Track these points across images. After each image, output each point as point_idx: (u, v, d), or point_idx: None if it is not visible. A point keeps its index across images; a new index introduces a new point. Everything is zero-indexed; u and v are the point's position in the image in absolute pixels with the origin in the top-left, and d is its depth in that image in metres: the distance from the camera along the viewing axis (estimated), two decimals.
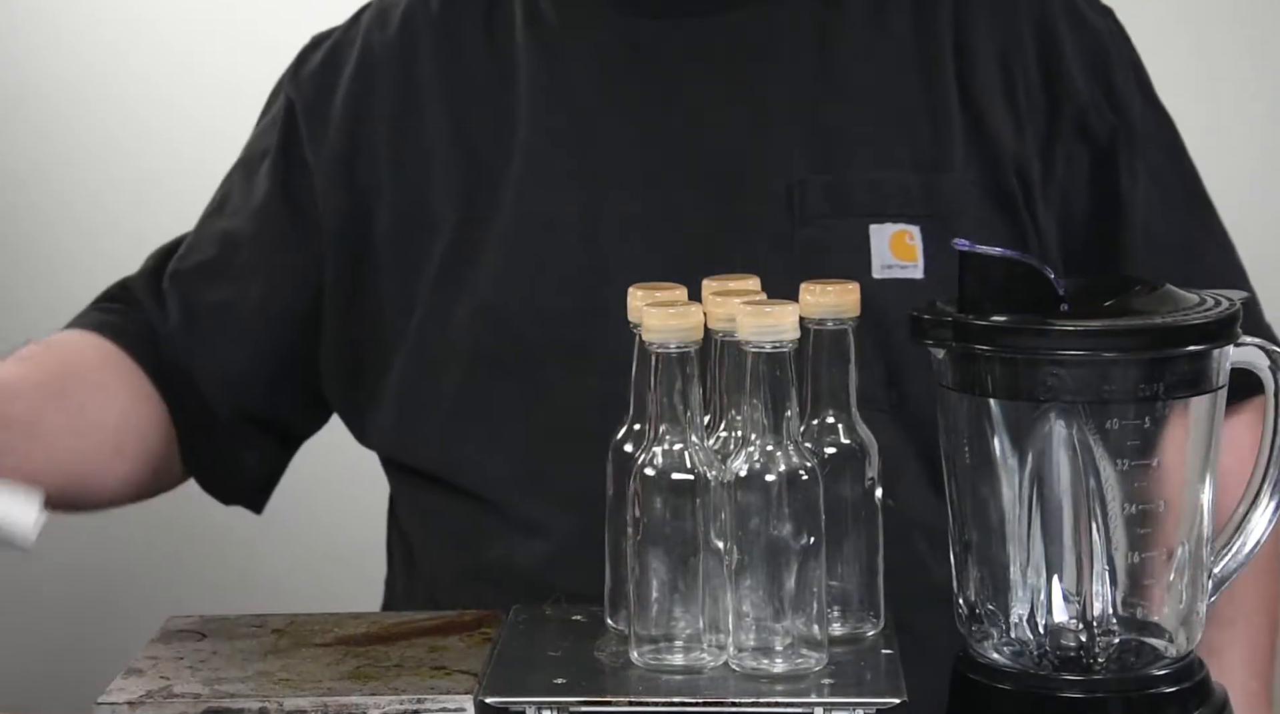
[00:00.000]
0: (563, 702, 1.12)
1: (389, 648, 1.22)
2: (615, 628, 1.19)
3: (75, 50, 2.42)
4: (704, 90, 1.39)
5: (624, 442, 1.17)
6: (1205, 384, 1.14)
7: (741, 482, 1.12)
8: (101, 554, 2.44)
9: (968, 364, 1.15)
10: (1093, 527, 1.15)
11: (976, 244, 1.16)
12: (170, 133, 2.42)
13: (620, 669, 1.15)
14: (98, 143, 2.43)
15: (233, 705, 1.15)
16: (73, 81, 2.42)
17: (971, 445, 1.16)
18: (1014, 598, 1.17)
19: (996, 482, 1.16)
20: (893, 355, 1.34)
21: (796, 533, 1.11)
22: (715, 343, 1.16)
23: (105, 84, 2.42)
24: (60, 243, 2.44)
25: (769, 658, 1.13)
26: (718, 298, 1.16)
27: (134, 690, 1.16)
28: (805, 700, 1.11)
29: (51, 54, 2.42)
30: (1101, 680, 1.15)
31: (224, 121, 2.39)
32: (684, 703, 1.11)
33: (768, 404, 1.11)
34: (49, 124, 2.44)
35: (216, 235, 1.50)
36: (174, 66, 2.42)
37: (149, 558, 2.44)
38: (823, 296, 1.16)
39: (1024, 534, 1.16)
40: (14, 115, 2.44)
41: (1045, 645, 1.17)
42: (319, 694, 1.15)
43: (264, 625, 1.27)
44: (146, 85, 2.42)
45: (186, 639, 1.25)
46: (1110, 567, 1.16)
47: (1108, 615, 1.16)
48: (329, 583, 2.33)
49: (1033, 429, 1.14)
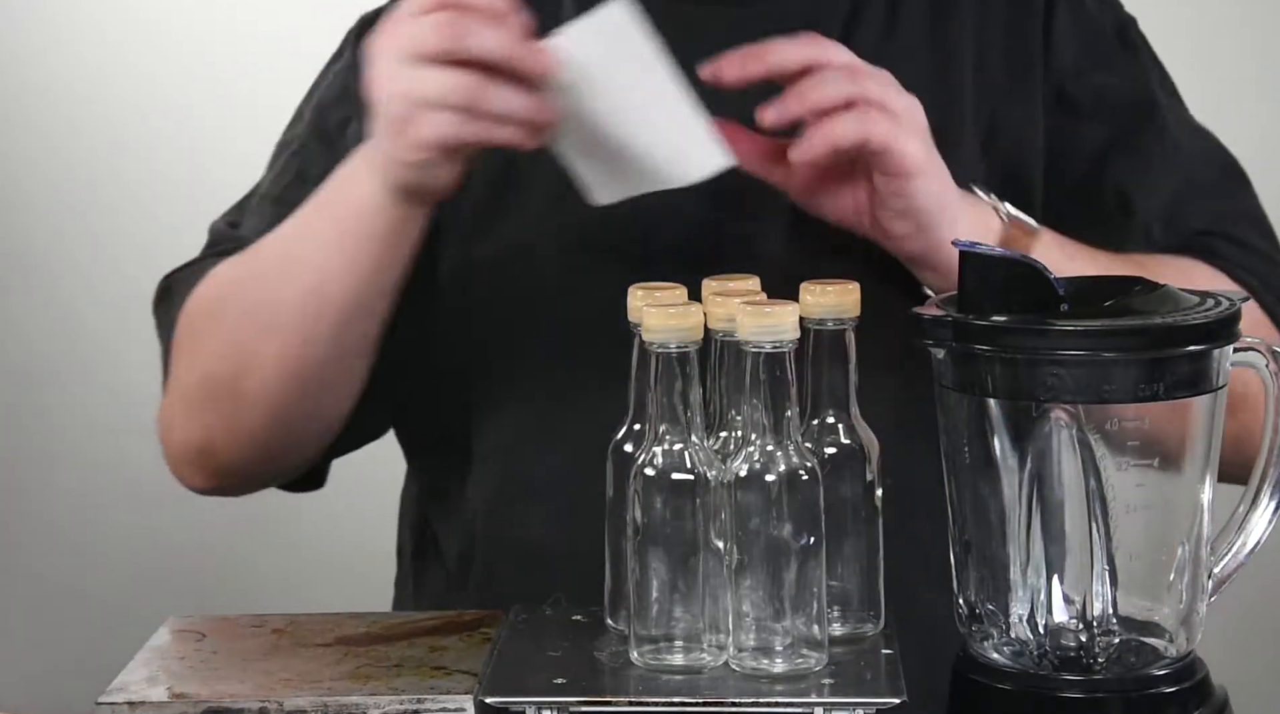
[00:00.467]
0: (563, 702, 1.12)
1: (389, 648, 1.22)
2: (615, 628, 1.19)
3: (75, 50, 2.42)
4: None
5: (624, 442, 1.17)
6: (1205, 384, 1.14)
7: (741, 482, 1.12)
8: (102, 554, 2.45)
9: (968, 364, 1.15)
10: (1093, 527, 1.15)
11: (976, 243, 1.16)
12: (170, 133, 2.42)
13: (620, 669, 1.15)
14: (97, 143, 2.43)
15: (233, 705, 1.15)
16: (73, 82, 2.42)
17: (971, 445, 1.16)
18: (1014, 598, 1.17)
19: (996, 482, 1.16)
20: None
21: (796, 533, 1.11)
22: (715, 343, 1.16)
23: (105, 84, 2.42)
24: (59, 243, 2.44)
25: (769, 658, 1.13)
26: (718, 298, 1.16)
27: (134, 690, 1.16)
28: (805, 700, 1.11)
29: (52, 54, 2.42)
30: (1101, 680, 1.15)
31: (224, 122, 2.40)
32: (684, 703, 1.11)
33: (768, 404, 1.11)
34: (48, 124, 2.44)
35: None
36: (174, 67, 2.42)
37: (149, 558, 2.44)
38: (823, 297, 1.16)
39: (1024, 534, 1.16)
40: (14, 115, 2.44)
41: (1045, 645, 1.17)
42: (319, 694, 1.15)
43: (264, 625, 1.27)
44: (146, 86, 2.42)
45: (186, 639, 1.25)
46: (1110, 567, 1.16)
47: (1108, 615, 1.16)
48: (329, 583, 2.33)
49: (1033, 429, 1.14)
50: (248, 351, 1.36)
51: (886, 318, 1.21)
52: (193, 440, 1.42)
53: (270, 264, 1.37)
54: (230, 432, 1.39)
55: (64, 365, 2.45)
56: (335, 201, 1.33)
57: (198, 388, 1.41)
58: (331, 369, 1.37)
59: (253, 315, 1.36)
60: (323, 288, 1.33)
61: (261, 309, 1.36)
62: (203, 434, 1.41)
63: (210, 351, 1.39)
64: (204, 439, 1.41)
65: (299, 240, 1.36)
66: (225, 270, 1.40)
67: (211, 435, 1.41)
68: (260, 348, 1.35)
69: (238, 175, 1.53)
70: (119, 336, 2.41)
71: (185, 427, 1.42)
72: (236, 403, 1.38)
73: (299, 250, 1.35)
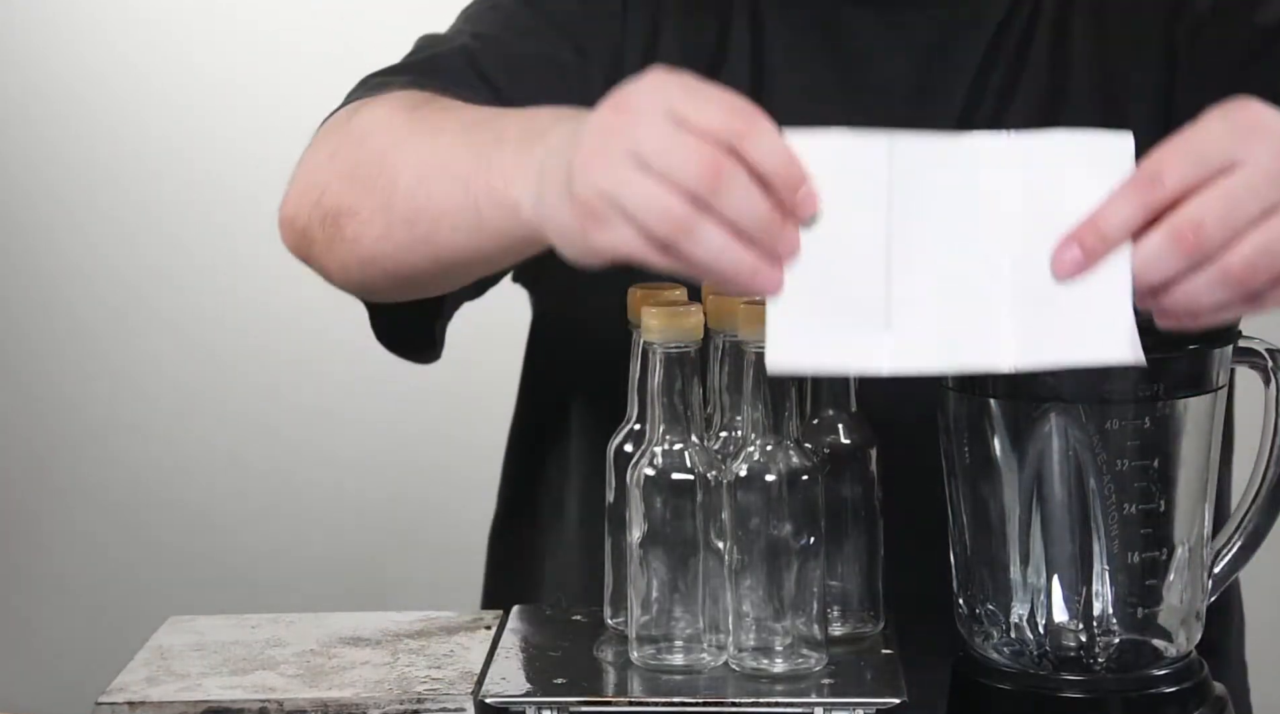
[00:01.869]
0: (563, 702, 1.12)
1: (389, 647, 1.22)
2: (615, 628, 1.19)
3: (75, 51, 2.42)
4: (889, 75, 1.38)
5: (624, 442, 1.17)
6: (1205, 384, 1.14)
7: (741, 482, 1.12)
8: (101, 554, 2.45)
9: None
10: (1093, 527, 1.15)
11: None
12: (169, 136, 2.42)
13: (620, 669, 1.15)
14: (97, 144, 2.43)
15: (233, 705, 1.15)
16: (72, 83, 2.42)
17: (971, 445, 1.16)
18: (1014, 598, 1.17)
19: (996, 482, 1.16)
20: None
21: (796, 533, 1.11)
22: (715, 343, 1.16)
23: (105, 86, 2.42)
24: (58, 244, 2.44)
25: (769, 658, 1.13)
26: (718, 298, 1.16)
27: (134, 690, 1.16)
28: (805, 700, 1.11)
29: (51, 55, 2.42)
30: (1101, 680, 1.15)
31: (224, 124, 2.40)
32: (684, 703, 1.11)
33: (768, 404, 1.11)
34: (48, 125, 2.44)
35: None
36: (174, 69, 2.42)
37: (149, 558, 2.44)
38: None
39: (1024, 534, 1.16)
40: (14, 116, 2.44)
41: (1045, 645, 1.17)
42: (319, 694, 1.15)
43: (264, 625, 1.27)
44: (146, 88, 2.42)
45: (186, 639, 1.25)
46: (1110, 567, 1.16)
47: (1108, 615, 1.16)
48: (329, 583, 2.33)
49: (1033, 429, 1.14)
50: (358, 203, 1.24)
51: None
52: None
53: (410, 171, 1.20)
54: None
55: (63, 366, 2.45)
56: (494, 173, 1.13)
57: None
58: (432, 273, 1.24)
59: (372, 187, 1.22)
60: (435, 240, 1.19)
61: (383, 196, 1.21)
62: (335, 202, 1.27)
63: (328, 176, 1.27)
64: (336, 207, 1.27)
65: (440, 177, 1.18)
66: (386, 123, 1.25)
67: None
68: (372, 212, 1.22)
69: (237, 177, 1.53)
70: (118, 337, 2.41)
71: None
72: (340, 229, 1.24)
73: (435, 188, 1.18)
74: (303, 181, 1.27)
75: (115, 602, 2.39)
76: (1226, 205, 1.00)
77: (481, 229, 1.14)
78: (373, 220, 1.20)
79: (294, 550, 2.42)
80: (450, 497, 2.27)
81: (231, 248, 2.35)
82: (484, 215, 1.12)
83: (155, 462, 2.42)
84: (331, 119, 1.31)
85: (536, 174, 1.08)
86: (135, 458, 2.43)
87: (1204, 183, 1.00)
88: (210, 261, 2.36)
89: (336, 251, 1.24)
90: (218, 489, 2.38)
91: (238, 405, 2.40)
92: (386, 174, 1.20)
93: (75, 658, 2.34)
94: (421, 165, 1.18)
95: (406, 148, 1.21)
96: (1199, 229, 0.99)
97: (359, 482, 2.39)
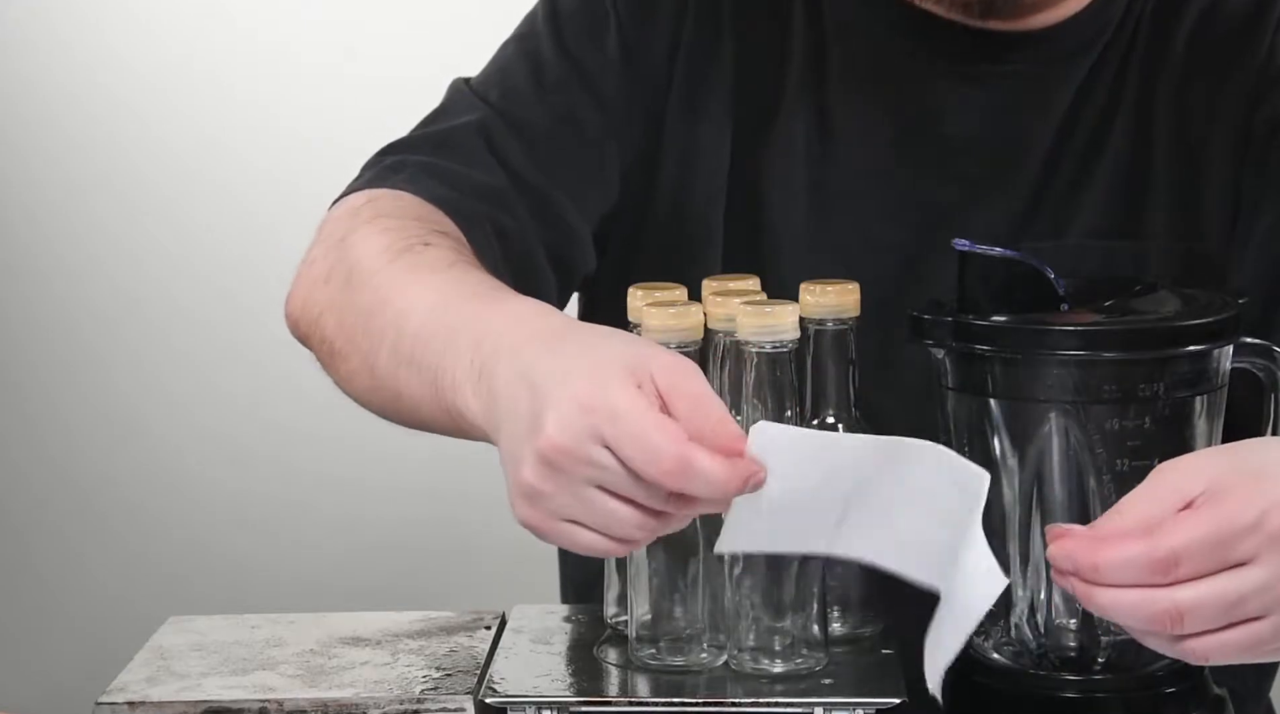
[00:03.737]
0: (563, 701, 1.12)
1: (389, 647, 1.22)
2: (616, 628, 1.19)
3: (74, 53, 2.42)
4: (960, 122, 1.36)
5: None
6: (1205, 384, 1.14)
7: None
8: (101, 554, 2.45)
9: (968, 364, 1.15)
10: None
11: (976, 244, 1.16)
12: (167, 139, 2.42)
13: (621, 669, 1.15)
14: (96, 144, 2.43)
15: (233, 705, 1.15)
16: (69, 85, 2.42)
17: (971, 445, 1.16)
18: (1014, 598, 1.17)
19: (996, 482, 1.16)
20: None
21: None
22: (716, 343, 1.16)
23: (102, 89, 2.42)
24: (56, 245, 2.44)
25: (769, 658, 1.13)
26: (718, 298, 1.16)
27: (134, 690, 1.16)
28: (805, 700, 1.11)
29: (50, 56, 2.42)
30: (1101, 680, 1.15)
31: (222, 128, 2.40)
32: (684, 703, 1.11)
33: (768, 404, 1.11)
34: (47, 125, 2.44)
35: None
36: (172, 73, 2.42)
37: (149, 558, 2.44)
38: (823, 297, 1.16)
39: (1024, 534, 1.16)
40: (13, 116, 2.44)
41: (1045, 645, 1.17)
42: (319, 694, 1.15)
43: (264, 625, 1.27)
44: (144, 92, 2.42)
45: (186, 639, 1.25)
46: None
47: None
48: (329, 583, 2.33)
49: (1033, 429, 1.14)
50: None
51: (888, 317, 1.21)
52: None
53: (386, 350, 1.20)
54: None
55: (60, 367, 2.45)
56: (458, 396, 1.11)
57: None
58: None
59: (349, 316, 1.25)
60: (417, 418, 1.20)
61: (368, 360, 1.22)
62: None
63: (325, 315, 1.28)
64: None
65: (409, 367, 1.17)
66: (370, 272, 1.24)
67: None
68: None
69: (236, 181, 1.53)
70: (118, 337, 2.41)
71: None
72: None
73: (407, 378, 1.17)
74: (304, 290, 1.27)
75: (115, 602, 2.39)
76: (1223, 608, 1.01)
77: (454, 426, 1.14)
78: (360, 372, 1.21)
79: (294, 550, 2.42)
80: (450, 496, 2.27)
81: (231, 248, 2.34)
82: (453, 418, 1.12)
83: (155, 462, 2.42)
84: (335, 213, 1.30)
85: (491, 415, 1.07)
86: (135, 458, 2.43)
87: (1213, 573, 1.01)
88: (209, 262, 2.36)
89: (333, 375, 1.26)
90: (217, 489, 2.38)
91: (238, 405, 2.40)
92: (370, 339, 1.20)
93: (75, 658, 2.34)
94: (399, 343, 1.17)
95: (386, 315, 1.19)
96: (1185, 619, 1.01)
97: (359, 482, 2.38)
